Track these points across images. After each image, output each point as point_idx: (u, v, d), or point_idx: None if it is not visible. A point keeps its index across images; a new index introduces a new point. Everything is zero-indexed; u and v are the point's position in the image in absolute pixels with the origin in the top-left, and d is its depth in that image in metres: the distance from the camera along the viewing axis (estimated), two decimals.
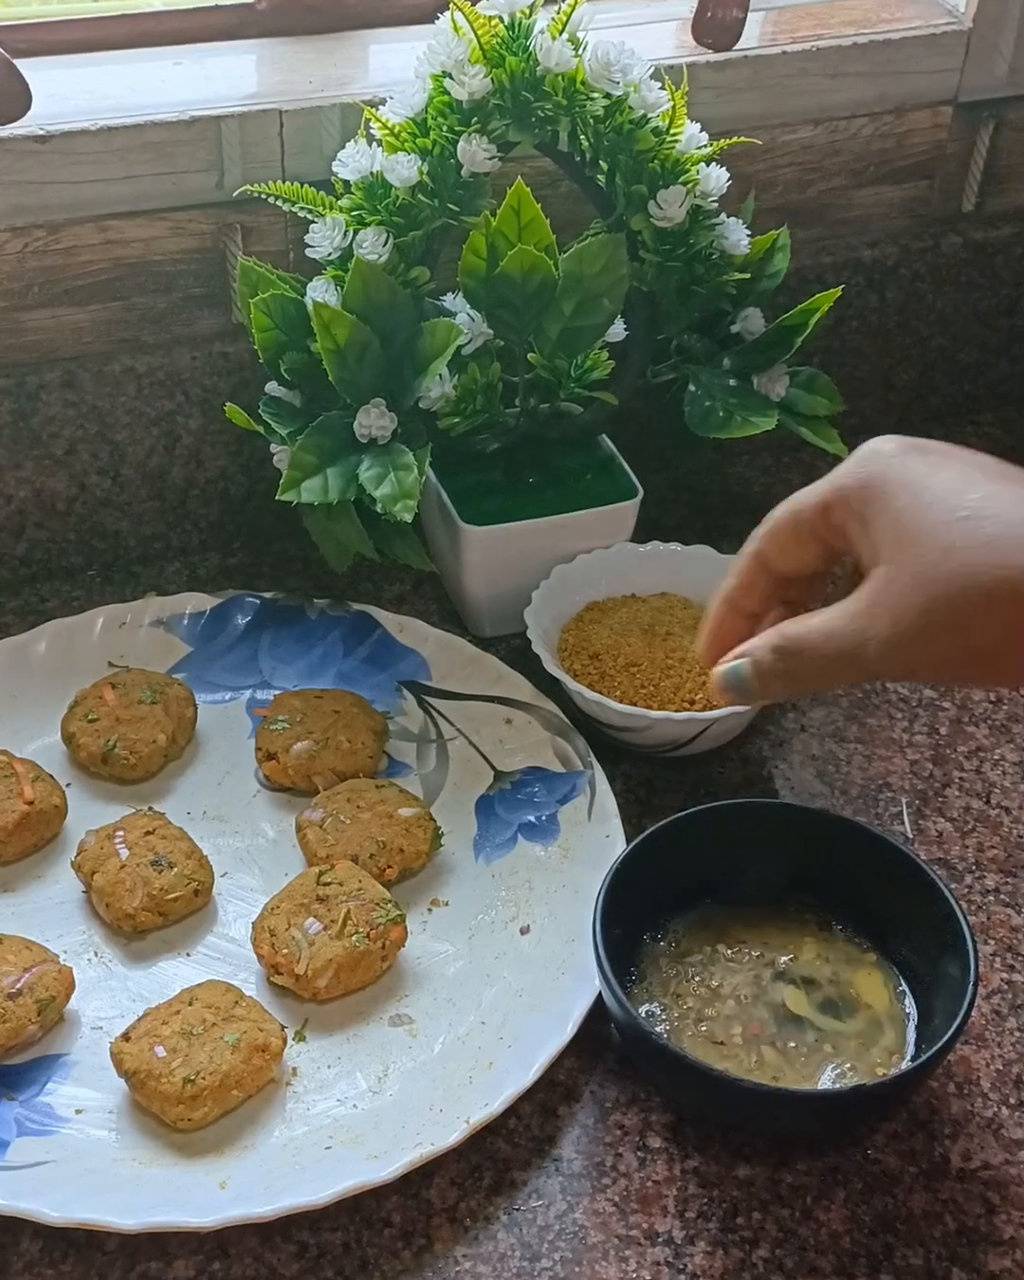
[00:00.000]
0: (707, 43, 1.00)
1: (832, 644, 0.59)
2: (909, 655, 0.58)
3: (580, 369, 0.94)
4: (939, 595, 0.56)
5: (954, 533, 0.56)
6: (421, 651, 0.96)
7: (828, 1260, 0.71)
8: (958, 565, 0.55)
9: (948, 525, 0.56)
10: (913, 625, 0.57)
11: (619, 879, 0.78)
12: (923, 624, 0.56)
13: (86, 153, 0.90)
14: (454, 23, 0.85)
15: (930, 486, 0.58)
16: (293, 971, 0.78)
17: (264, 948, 0.79)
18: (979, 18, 1.05)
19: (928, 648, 0.57)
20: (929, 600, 0.56)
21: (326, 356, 0.87)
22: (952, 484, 0.57)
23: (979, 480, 0.58)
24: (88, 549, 1.03)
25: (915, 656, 0.58)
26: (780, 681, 0.62)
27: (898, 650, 0.58)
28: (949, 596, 0.56)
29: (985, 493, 0.57)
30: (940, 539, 0.56)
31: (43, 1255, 0.70)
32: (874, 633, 0.58)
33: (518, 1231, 0.72)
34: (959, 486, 0.57)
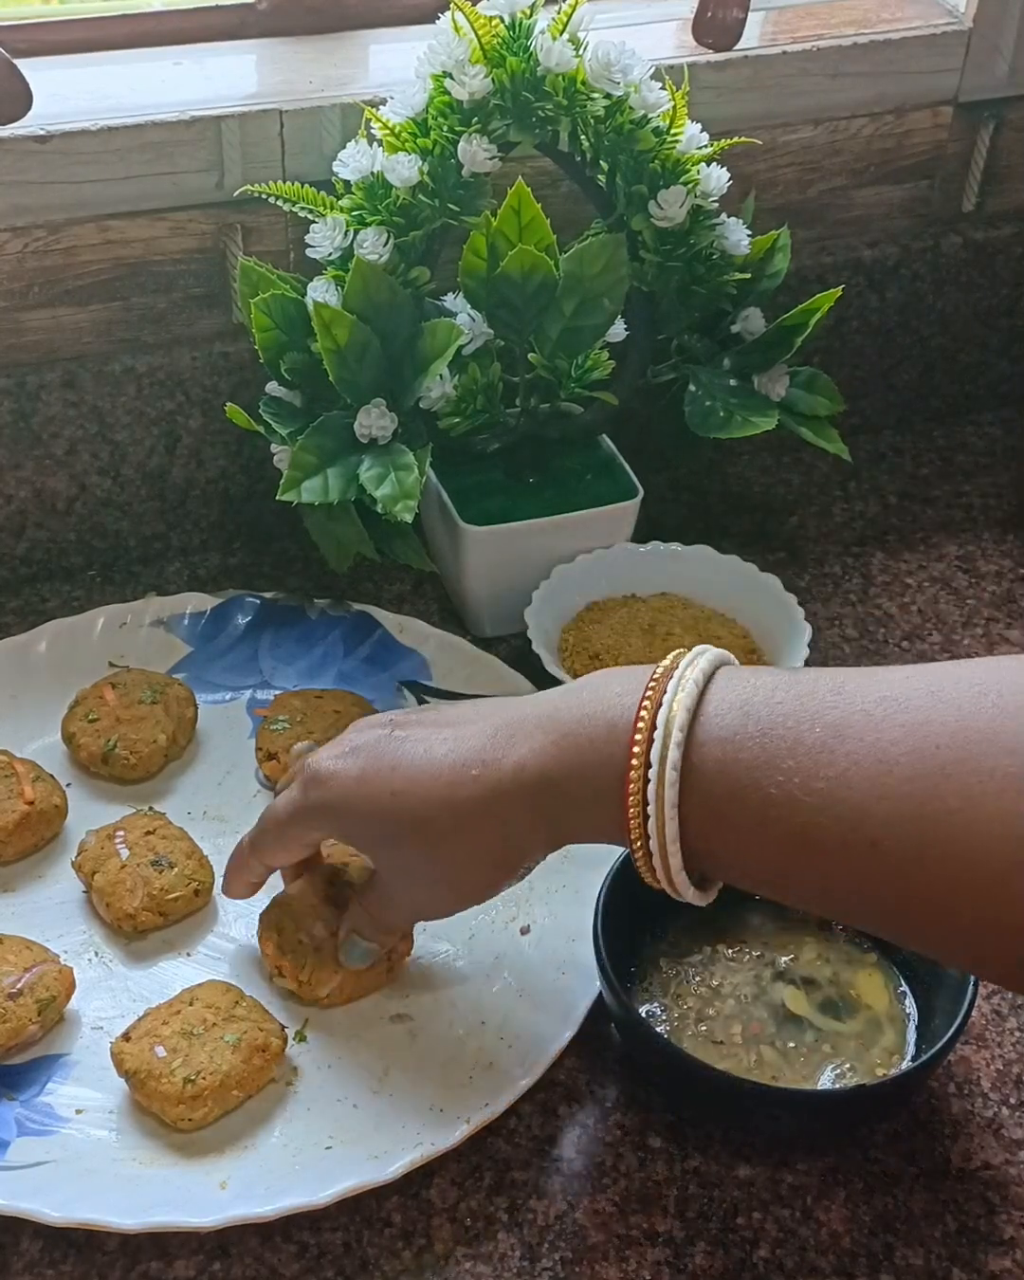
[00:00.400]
0: (707, 43, 1.00)
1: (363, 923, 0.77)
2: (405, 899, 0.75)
3: (580, 369, 0.94)
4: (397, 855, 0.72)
5: (391, 816, 0.70)
6: (422, 651, 0.96)
7: (828, 1260, 0.71)
8: (400, 837, 0.70)
9: (386, 814, 0.70)
10: (398, 881, 0.74)
11: (619, 879, 0.78)
12: (400, 877, 0.74)
13: (87, 153, 0.90)
14: (454, 23, 0.85)
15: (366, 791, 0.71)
16: (297, 978, 0.78)
17: (269, 947, 0.79)
18: (979, 18, 1.05)
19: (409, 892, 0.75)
20: (397, 862, 0.73)
21: (327, 356, 0.87)
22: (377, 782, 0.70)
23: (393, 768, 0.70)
24: (88, 549, 1.03)
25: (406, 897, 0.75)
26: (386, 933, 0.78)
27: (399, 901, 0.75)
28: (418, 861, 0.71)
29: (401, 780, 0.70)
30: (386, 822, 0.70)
31: (43, 1255, 0.70)
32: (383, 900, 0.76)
33: (518, 1231, 0.72)
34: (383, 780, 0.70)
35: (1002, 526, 1.11)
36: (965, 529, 1.11)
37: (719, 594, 0.97)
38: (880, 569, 1.07)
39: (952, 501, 1.13)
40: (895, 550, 1.09)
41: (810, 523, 1.10)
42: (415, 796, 0.68)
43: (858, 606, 1.04)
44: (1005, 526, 1.11)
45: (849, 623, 1.03)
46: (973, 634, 1.02)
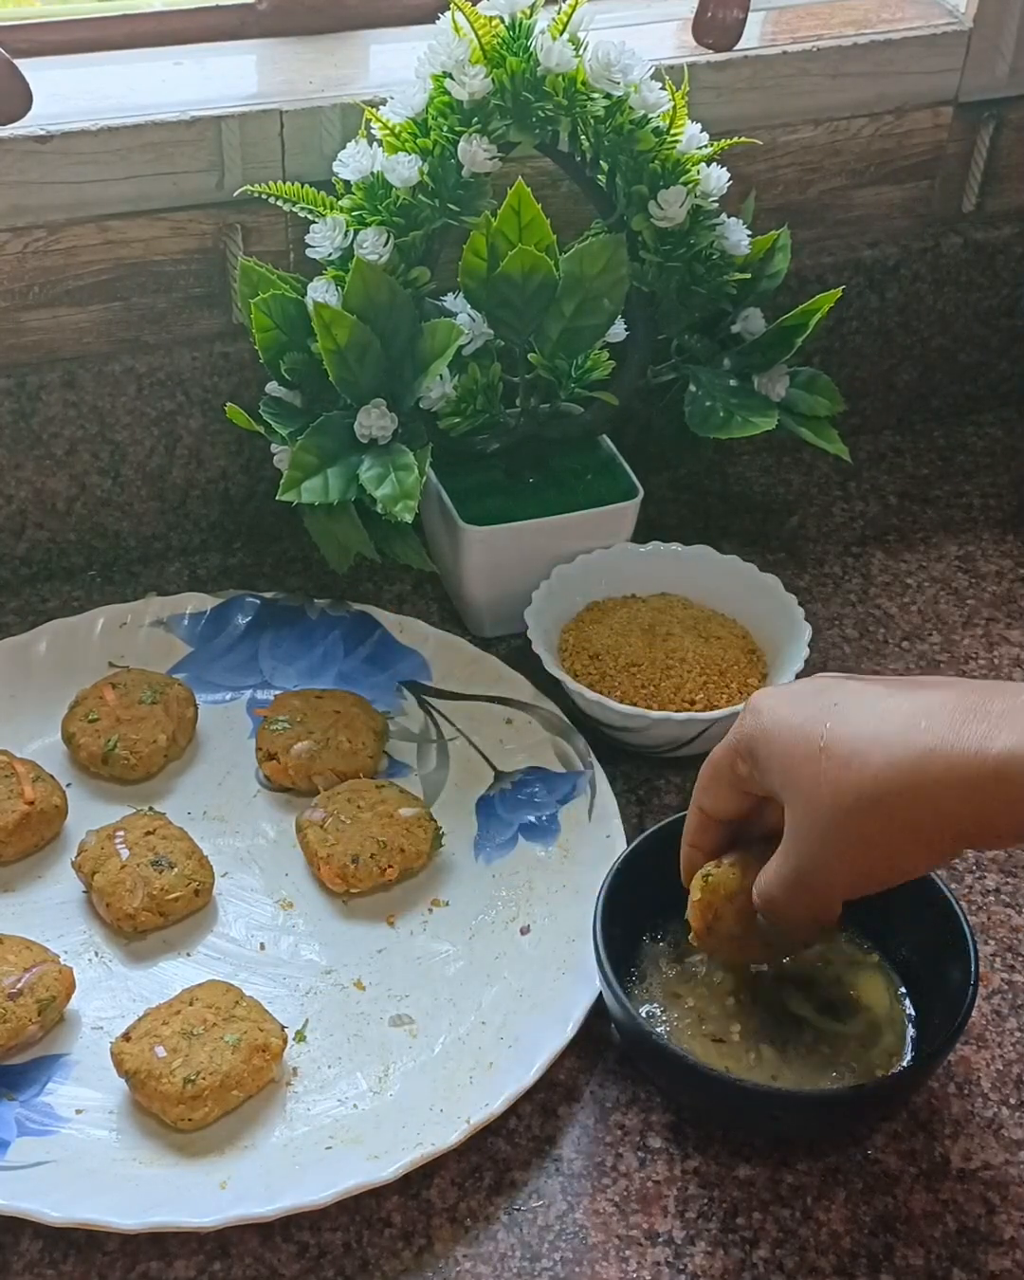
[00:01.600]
0: (707, 43, 1.00)
1: (786, 888, 0.68)
2: (844, 873, 0.66)
3: (580, 369, 0.94)
4: (825, 822, 0.64)
5: (819, 765, 0.64)
6: (422, 652, 0.96)
7: (828, 1260, 0.71)
8: (828, 792, 0.64)
9: (813, 758, 0.64)
10: (826, 850, 0.65)
11: (619, 879, 0.78)
12: (832, 847, 0.65)
13: (87, 153, 0.90)
14: (455, 23, 0.85)
15: (794, 726, 0.66)
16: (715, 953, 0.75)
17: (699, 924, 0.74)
18: (979, 18, 1.05)
19: (852, 863, 0.65)
20: (824, 828, 0.64)
21: (327, 357, 0.87)
22: (811, 718, 0.65)
23: (832, 708, 0.65)
24: (88, 549, 1.03)
25: (849, 871, 0.66)
26: (781, 924, 0.70)
27: (831, 873, 0.66)
28: (832, 819, 0.64)
29: (837, 719, 0.65)
30: (810, 772, 0.64)
31: (43, 1255, 0.70)
32: (806, 864, 0.66)
33: (518, 1231, 0.72)
34: (816, 717, 0.65)
35: (1002, 526, 1.11)
36: (965, 529, 1.11)
37: (719, 594, 0.97)
38: (880, 569, 1.07)
39: (952, 501, 1.13)
40: (895, 550, 1.09)
41: (810, 523, 1.10)
42: (847, 735, 0.63)
43: (858, 606, 1.04)
44: (1005, 526, 1.11)
45: (849, 623, 1.03)
46: (973, 634, 1.02)
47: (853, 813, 0.63)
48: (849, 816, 0.63)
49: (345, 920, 0.84)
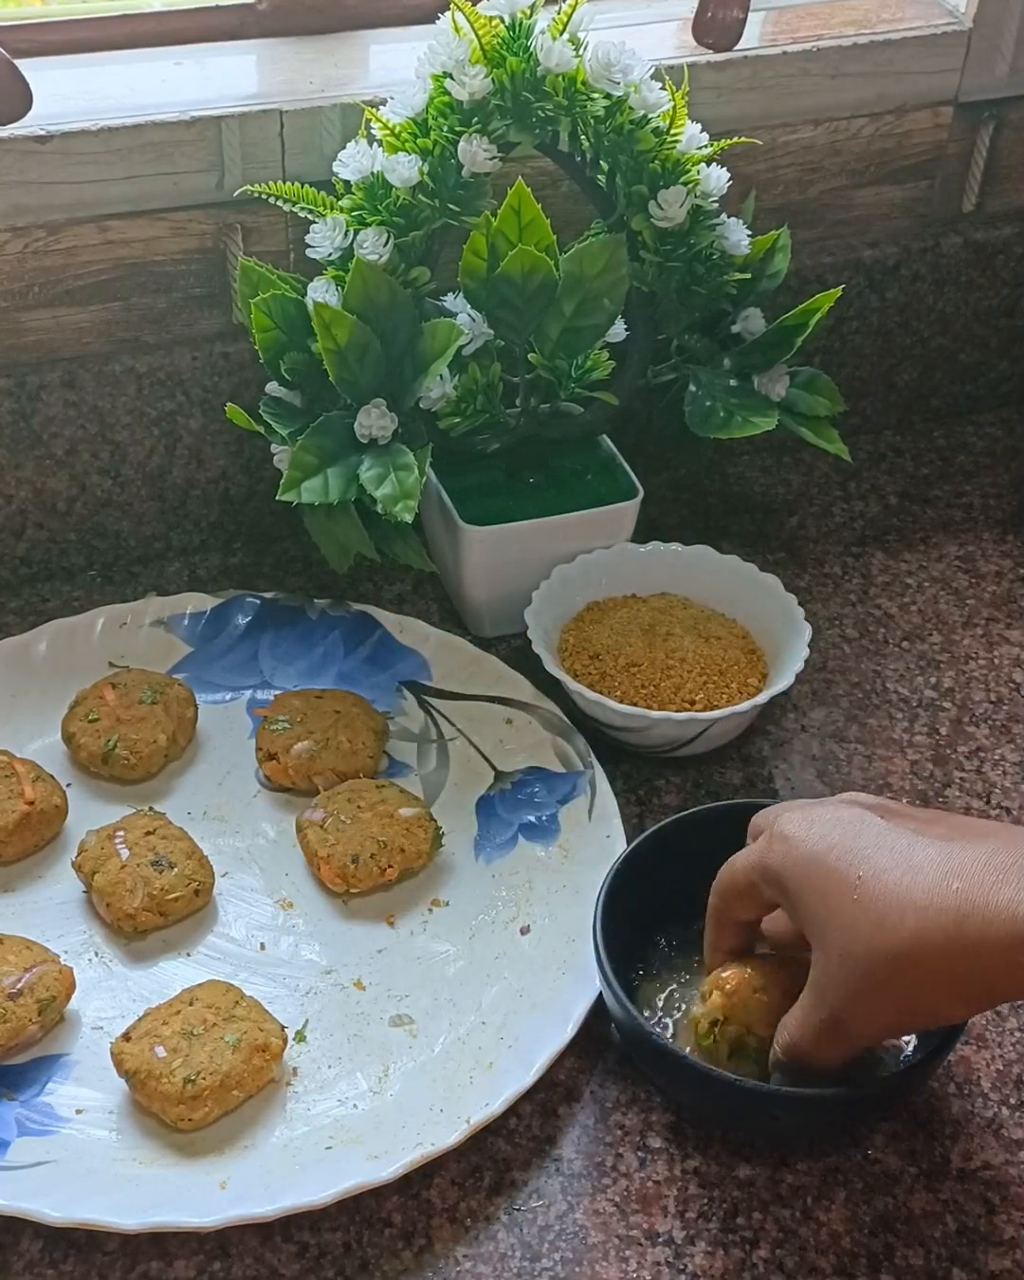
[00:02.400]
0: (707, 43, 1.00)
1: (815, 1036, 0.68)
2: (877, 1023, 0.67)
3: (581, 369, 0.94)
4: (859, 970, 0.65)
5: (853, 916, 0.64)
6: (422, 651, 0.96)
7: (828, 1260, 0.71)
8: (863, 948, 0.64)
9: (846, 909, 0.65)
10: (859, 1001, 0.66)
11: (619, 879, 0.78)
12: (860, 994, 0.65)
13: (86, 153, 0.90)
14: (455, 23, 0.85)
15: (826, 871, 0.66)
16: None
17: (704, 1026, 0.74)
18: (979, 18, 1.05)
19: (885, 1014, 0.66)
20: (858, 980, 0.65)
21: (327, 357, 0.87)
22: (842, 863, 0.66)
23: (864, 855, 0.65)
24: (88, 549, 1.03)
25: (882, 1022, 0.67)
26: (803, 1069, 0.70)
27: (863, 1023, 0.67)
28: (868, 972, 0.64)
29: (869, 869, 0.65)
30: (843, 923, 0.65)
31: (43, 1255, 0.70)
32: (838, 1014, 0.67)
33: (518, 1232, 0.72)
34: (849, 863, 0.65)
35: (1002, 526, 1.11)
36: (965, 529, 1.11)
37: (719, 594, 0.97)
38: (880, 569, 1.07)
39: (952, 501, 1.13)
40: (895, 550, 1.09)
41: (810, 523, 1.10)
42: (880, 890, 0.64)
43: (858, 606, 1.04)
44: (1005, 526, 1.11)
45: (849, 623, 1.03)
46: (973, 634, 1.02)
47: (887, 969, 0.64)
48: (883, 972, 0.64)
49: (345, 920, 0.84)
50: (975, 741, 0.95)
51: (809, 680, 0.98)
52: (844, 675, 0.99)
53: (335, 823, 0.85)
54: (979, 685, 0.99)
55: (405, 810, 0.86)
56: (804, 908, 0.67)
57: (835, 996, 0.66)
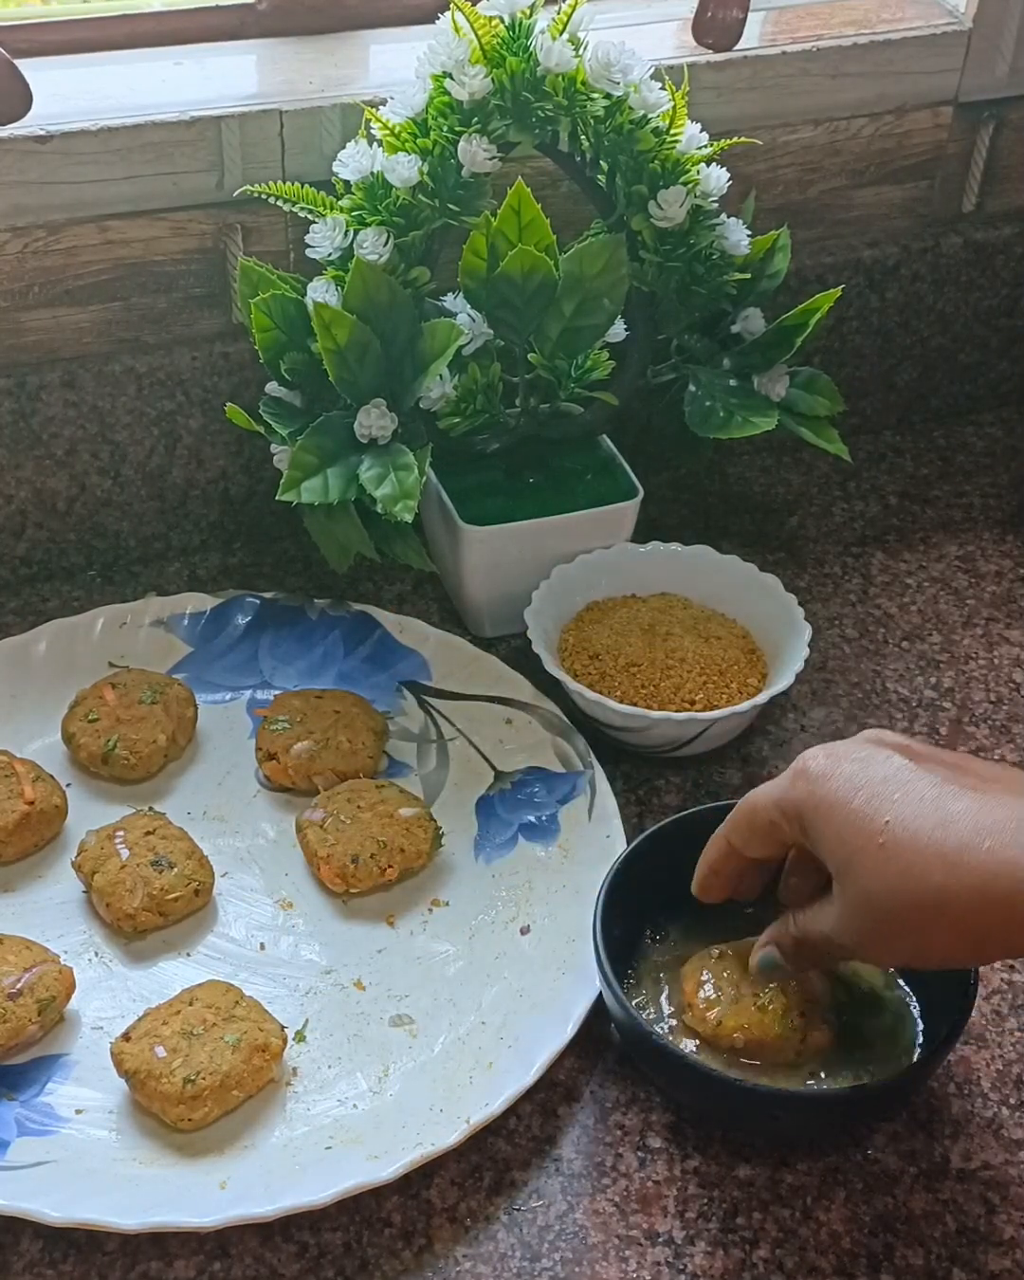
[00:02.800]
0: (707, 43, 1.00)
1: (827, 941, 0.69)
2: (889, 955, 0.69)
3: (580, 369, 0.94)
4: (878, 913, 0.65)
5: (877, 860, 0.64)
6: (422, 651, 0.96)
7: (828, 1260, 0.71)
8: (886, 894, 0.64)
9: (872, 852, 0.64)
10: (870, 934, 0.66)
11: (619, 879, 0.78)
12: (876, 934, 0.66)
13: (86, 153, 0.90)
14: (454, 23, 0.85)
15: (852, 811, 0.65)
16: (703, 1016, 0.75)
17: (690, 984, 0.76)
18: (979, 18, 1.05)
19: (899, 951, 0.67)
20: (873, 918, 0.66)
21: (327, 357, 0.87)
22: (869, 805, 0.65)
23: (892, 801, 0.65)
24: (88, 549, 1.03)
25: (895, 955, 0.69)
26: (804, 960, 0.72)
27: (877, 953, 0.69)
28: (887, 913, 0.65)
29: (896, 815, 0.64)
30: (868, 864, 0.65)
31: (43, 1255, 0.70)
32: (853, 941, 0.67)
33: (518, 1231, 0.72)
34: (876, 806, 0.65)
35: (1002, 526, 1.11)
36: (965, 529, 1.11)
37: (719, 594, 0.97)
38: (880, 569, 1.07)
39: (952, 501, 1.13)
40: (895, 550, 1.09)
41: (810, 523, 1.10)
42: (908, 839, 0.63)
43: (858, 606, 1.04)
44: (1005, 526, 1.11)
45: (849, 623, 1.03)
46: (973, 634, 1.02)
47: (908, 917, 0.64)
48: (904, 919, 0.64)
49: (345, 920, 0.84)
50: (975, 741, 0.95)
51: (809, 680, 0.98)
52: (844, 675, 0.99)
53: (335, 823, 0.85)
54: (979, 685, 0.99)
55: (405, 810, 0.86)
56: (827, 847, 0.66)
57: (851, 932, 0.67)
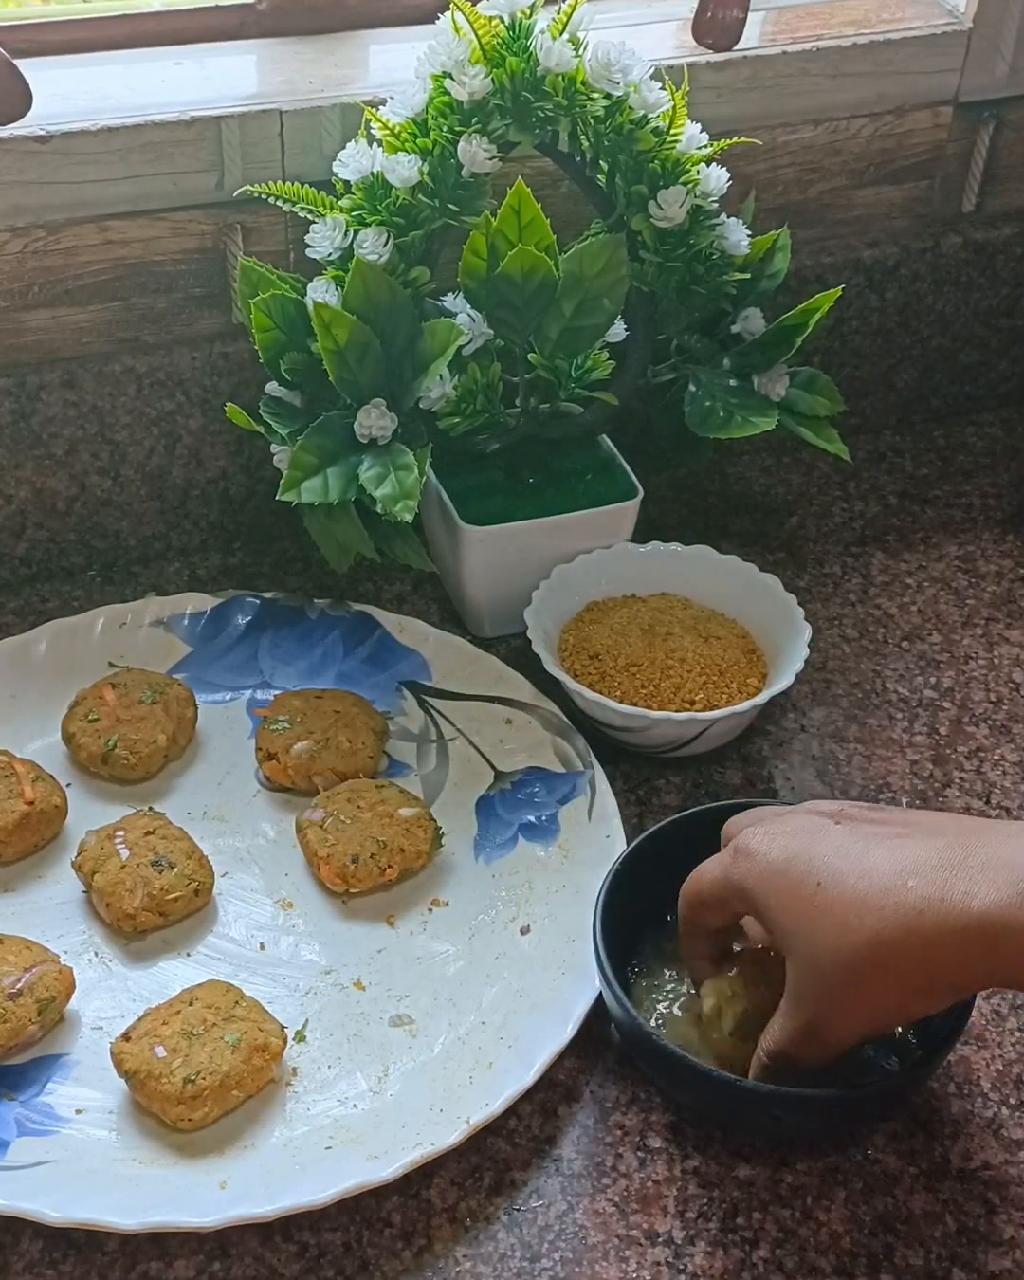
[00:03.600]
0: (707, 43, 1.00)
1: (796, 1043, 0.69)
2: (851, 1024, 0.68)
3: (580, 369, 0.94)
4: (826, 976, 0.66)
5: (816, 924, 0.66)
6: (422, 651, 0.96)
7: (828, 1260, 0.71)
8: (827, 953, 0.65)
9: (809, 918, 0.66)
10: (832, 1006, 0.67)
11: (619, 879, 0.78)
12: (838, 1003, 0.67)
13: (86, 153, 0.90)
14: (454, 23, 0.85)
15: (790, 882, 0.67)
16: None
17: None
18: (979, 18, 1.05)
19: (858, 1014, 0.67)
20: (828, 985, 0.66)
21: (327, 357, 0.87)
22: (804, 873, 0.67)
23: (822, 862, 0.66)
24: (88, 549, 1.03)
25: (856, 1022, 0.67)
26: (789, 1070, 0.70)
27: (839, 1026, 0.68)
28: (835, 976, 0.65)
29: (827, 876, 0.66)
30: (807, 931, 0.66)
31: (43, 1255, 0.70)
32: (814, 1019, 0.67)
33: (518, 1231, 0.72)
34: (809, 872, 0.66)
35: (1002, 526, 1.11)
36: (965, 529, 1.11)
37: (719, 594, 0.97)
38: (880, 569, 1.07)
39: (952, 501, 1.13)
40: (895, 550, 1.09)
41: (810, 523, 1.10)
42: (838, 894, 0.65)
43: (858, 606, 1.04)
44: (1005, 526, 1.11)
45: (849, 623, 1.03)
46: (973, 634, 1.02)
47: (851, 971, 0.65)
48: (849, 975, 0.65)
49: (345, 920, 0.84)
50: (975, 741, 0.95)
51: (809, 680, 0.98)
52: (844, 675, 0.99)
53: (335, 823, 0.85)
54: (979, 685, 0.99)
55: (405, 810, 0.86)
56: (771, 919, 0.68)
57: (809, 1002, 0.67)
